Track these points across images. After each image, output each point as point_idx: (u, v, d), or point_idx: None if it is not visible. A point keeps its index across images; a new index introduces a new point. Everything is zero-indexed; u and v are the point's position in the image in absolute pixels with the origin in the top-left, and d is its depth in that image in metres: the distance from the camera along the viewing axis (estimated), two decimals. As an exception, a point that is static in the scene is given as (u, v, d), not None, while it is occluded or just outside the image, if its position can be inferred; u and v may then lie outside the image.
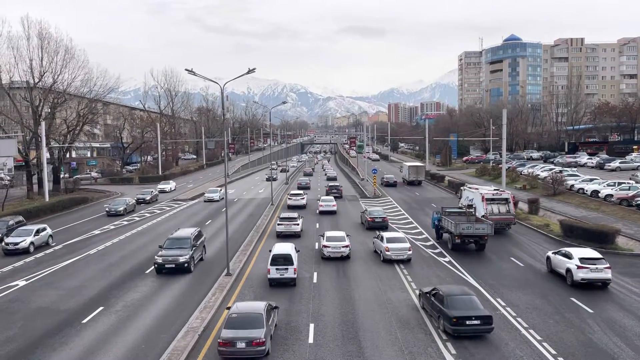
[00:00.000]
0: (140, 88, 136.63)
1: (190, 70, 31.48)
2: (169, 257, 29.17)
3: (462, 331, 19.67)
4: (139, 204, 59.23)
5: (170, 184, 77.00)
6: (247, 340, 17.58)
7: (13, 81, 65.28)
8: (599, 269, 25.82)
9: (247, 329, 17.93)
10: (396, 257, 30.89)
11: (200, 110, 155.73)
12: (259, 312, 18.81)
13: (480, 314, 19.86)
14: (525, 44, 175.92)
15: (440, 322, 20.51)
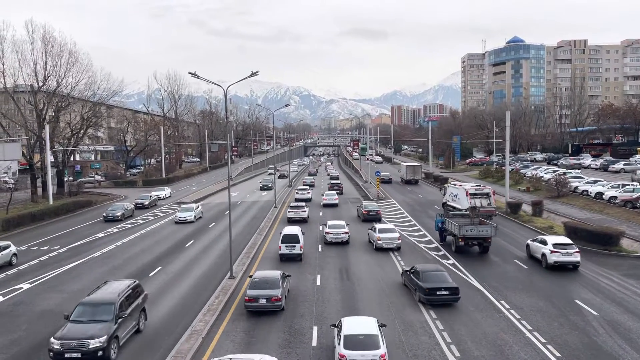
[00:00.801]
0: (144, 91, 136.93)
1: (194, 74, 31.57)
2: (72, 341, 17.87)
3: (434, 300, 23.47)
4: (137, 209, 58.10)
5: (165, 190, 72.49)
6: (267, 297, 22.62)
7: (17, 85, 65.63)
8: (569, 253, 29.67)
9: (267, 289, 22.90)
10: (387, 245, 35.03)
11: (203, 113, 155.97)
12: (276, 277, 23.92)
13: (449, 286, 23.64)
14: (528, 46, 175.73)
15: (416, 294, 24.28)
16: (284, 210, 54.37)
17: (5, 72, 62.31)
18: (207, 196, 70.72)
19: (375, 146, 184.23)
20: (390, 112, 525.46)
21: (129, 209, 53.89)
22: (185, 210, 50.53)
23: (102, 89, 73.87)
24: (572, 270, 29.66)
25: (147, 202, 60.34)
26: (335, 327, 18.58)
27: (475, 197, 43.32)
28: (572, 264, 29.79)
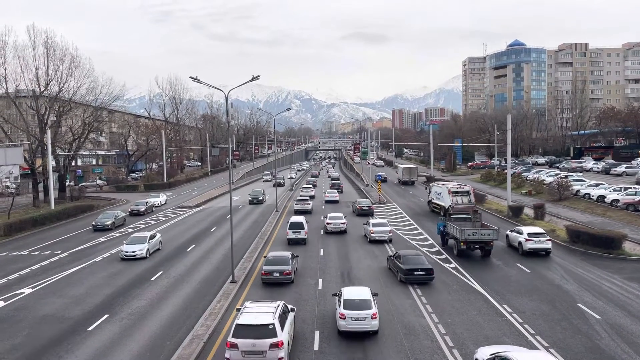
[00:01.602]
0: (145, 96, 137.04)
1: (195, 78, 31.63)
2: None
3: (412, 279, 27.62)
4: (133, 216, 56.42)
5: (161, 197, 69.12)
6: (280, 271, 27.93)
7: (19, 90, 65.87)
8: (541, 241, 33.99)
9: (279, 265, 28.21)
10: (379, 237, 39.36)
11: (204, 117, 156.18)
12: (287, 256, 29.26)
13: (425, 267, 27.85)
14: (529, 49, 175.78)
15: (398, 275, 28.46)
16: (286, 215, 54.38)
17: (7, 77, 62.50)
18: (208, 200, 70.69)
19: (377, 150, 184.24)
20: (392, 116, 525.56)
21: (120, 217, 50.65)
22: (135, 242, 35.80)
23: (103, 94, 74.01)
24: (572, 273, 29.61)
25: (143, 209, 58.27)
26: (336, 296, 22.40)
27: (457, 195, 48.90)
28: (544, 251, 34.00)
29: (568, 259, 33.44)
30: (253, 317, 18.15)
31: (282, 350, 17.37)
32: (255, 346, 17.25)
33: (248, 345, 17.24)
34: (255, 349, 17.24)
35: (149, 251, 35.72)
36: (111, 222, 48.27)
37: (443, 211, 48.55)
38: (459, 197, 48.63)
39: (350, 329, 20.30)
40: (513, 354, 15.28)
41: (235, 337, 17.44)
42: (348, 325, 20.26)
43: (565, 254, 34.67)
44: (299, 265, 31.56)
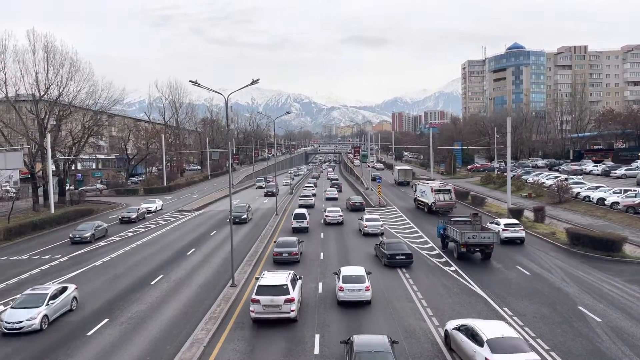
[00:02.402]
0: (145, 100, 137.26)
1: (195, 82, 31.65)
2: None
3: (394, 262, 32.24)
4: (123, 224, 53.88)
5: (157, 202, 66.46)
6: (288, 252, 33.82)
7: (19, 94, 65.88)
8: (516, 230, 38.65)
9: (288, 247, 34.17)
10: (372, 231, 43.48)
11: (204, 121, 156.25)
12: (294, 240, 35.34)
13: (405, 252, 32.62)
14: (529, 52, 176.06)
15: (382, 259, 33.10)
16: (286, 218, 54.37)
17: (7, 81, 62.66)
18: (208, 204, 70.68)
19: (377, 153, 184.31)
20: (391, 119, 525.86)
21: (100, 228, 46.18)
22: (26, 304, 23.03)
23: (103, 98, 74.23)
24: (573, 276, 29.60)
25: (134, 216, 55.47)
26: (336, 274, 26.82)
27: (439, 192, 54.43)
28: (518, 239, 38.53)
29: (568, 261, 33.41)
30: (271, 280, 23.38)
31: (293, 304, 22.44)
32: (273, 301, 22.19)
33: (267, 301, 22.19)
34: (273, 303, 22.19)
35: (47, 318, 22.87)
36: (90, 234, 43.65)
37: (427, 208, 55.78)
38: (440, 195, 54.48)
39: (348, 299, 24.61)
40: (475, 323, 18.58)
41: (258, 295, 22.40)
42: (346, 296, 24.60)
43: (565, 257, 34.65)
44: (303, 249, 37.02)
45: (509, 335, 17.42)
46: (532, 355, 16.60)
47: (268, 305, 22.19)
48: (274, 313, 22.26)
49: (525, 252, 36.54)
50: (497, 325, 18.67)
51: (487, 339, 17.11)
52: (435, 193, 54.36)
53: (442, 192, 54.66)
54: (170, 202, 74.13)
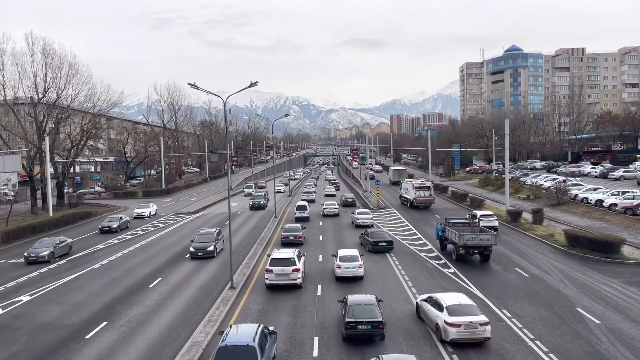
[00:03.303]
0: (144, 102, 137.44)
1: (193, 85, 31.67)
2: None
3: (377, 249, 37.44)
4: (104, 234, 49.55)
5: (151, 207, 63.55)
6: (294, 236, 40.80)
7: (17, 97, 65.84)
8: (490, 220, 43.86)
9: (293, 232, 41.29)
10: (363, 223, 48.38)
11: (203, 123, 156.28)
12: (299, 226, 42.65)
13: (387, 240, 38.19)
14: (527, 55, 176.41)
15: (367, 246, 38.49)
16: (285, 220, 54.44)
17: (6, 84, 62.60)
18: (207, 206, 70.66)
19: (375, 155, 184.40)
20: (390, 121, 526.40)
21: (62, 244, 39.70)
22: None
23: (102, 101, 74.13)
24: (571, 278, 29.64)
25: (115, 225, 50.79)
26: (334, 256, 31.51)
27: (420, 189, 61.30)
28: (492, 228, 41.80)
29: (567, 263, 33.44)
30: (281, 254, 29.25)
31: (299, 273, 28.39)
32: (283, 271, 28.10)
33: (278, 270, 28.10)
34: (283, 272, 28.09)
35: None
36: (49, 253, 37.65)
37: (409, 203, 62.84)
38: (421, 191, 61.20)
39: (344, 274, 29.80)
40: (438, 295, 22.54)
41: (271, 266, 28.36)
42: (342, 272, 29.78)
43: (563, 259, 34.70)
44: (305, 235, 43.04)
45: (464, 303, 21.26)
46: (482, 318, 20.39)
47: (279, 274, 28.11)
48: (284, 280, 28.12)
49: (523, 254, 36.57)
50: (456, 296, 22.61)
51: (446, 305, 20.89)
52: (416, 190, 61.30)
53: (423, 189, 61.50)
54: (169, 205, 74.08)
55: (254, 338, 17.04)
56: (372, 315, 20.46)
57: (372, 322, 20.31)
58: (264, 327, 18.59)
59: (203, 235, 39.26)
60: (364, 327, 20.31)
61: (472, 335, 20.04)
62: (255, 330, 17.77)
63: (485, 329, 20.08)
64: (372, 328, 20.32)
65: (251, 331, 17.64)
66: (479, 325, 20.01)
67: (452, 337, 20.02)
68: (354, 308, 20.70)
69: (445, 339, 20.20)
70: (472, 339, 20.09)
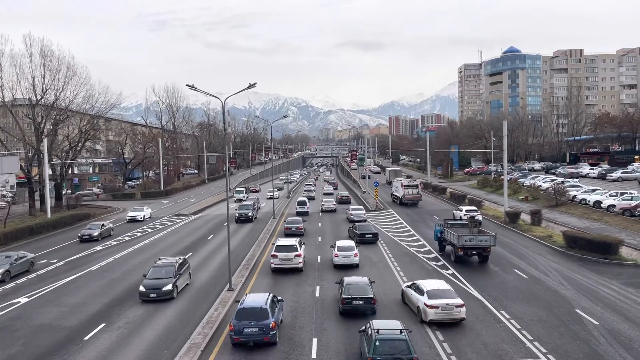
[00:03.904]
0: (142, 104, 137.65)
1: (192, 86, 31.66)
2: None
3: (364, 240, 41.31)
4: (83, 242, 45.19)
5: (145, 210, 61.38)
6: (296, 227, 45.49)
7: (15, 98, 65.73)
8: (474, 214, 49.27)
9: (295, 224, 46.16)
10: (356, 218, 52.18)
11: (201, 125, 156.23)
12: (300, 219, 47.91)
13: (372, 232, 42.47)
14: (525, 56, 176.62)
15: (355, 238, 41.57)
16: (283, 222, 54.33)
17: (4, 85, 62.44)
18: (205, 208, 70.60)
19: (374, 156, 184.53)
20: (388, 123, 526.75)
21: (21, 261, 34.41)
22: None
23: (100, 102, 74.04)
24: (570, 279, 29.67)
25: (96, 234, 46.19)
26: (332, 247, 34.70)
27: (408, 187, 66.03)
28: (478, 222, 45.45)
29: (565, 264, 33.46)
30: (285, 242, 33.72)
31: (300, 258, 32.48)
32: (286, 256, 32.11)
33: (282, 256, 32.12)
34: (287, 257, 32.11)
35: None
36: (3, 271, 32.36)
37: (399, 200, 67.09)
38: (409, 189, 65.96)
39: (341, 262, 33.16)
40: (420, 281, 25.02)
41: (276, 252, 32.43)
42: (340, 260, 33.21)
43: (562, 260, 34.72)
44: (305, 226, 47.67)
45: (443, 288, 23.76)
46: (458, 300, 22.68)
47: (283, 259, 32.18)
48: (287, 264, 32.12)
49: (522, 255, 36.59)
50: (436, 282, 25.18)
51: (426, 290, 23.35)
52: (405, 188, 65.88)
53: (411, 187, 66.19)
54: (167, 206, 74.02)
55: (266, 302, 21.27)
56: (365, 293, 23.87)
57: (365, 299, 23.69)
58: (273, 295, 22.75)
59: (160, 268, 28.56)
60: (358, 302, 23.69)
61: (448, 315, 22.29)
62: (267, 297, 21.99)
63: (460, 310, 22.41)
64: (365, 303, 23.67)
65: (263, 297, 21.98)
66: (455, 307, 22.35)
67: (430, 318, 22.29)
68: (349, 287, 24.19)
69: (425, 319, 22.47)
70: (448, 319, 22.29)
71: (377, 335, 17.71)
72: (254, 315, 20.41)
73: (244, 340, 20.13)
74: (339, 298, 24.41)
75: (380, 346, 17.38)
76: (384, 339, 17.59)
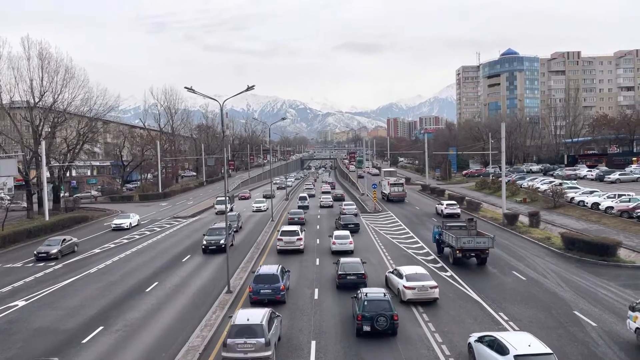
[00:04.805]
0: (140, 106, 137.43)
1: (190, 88, 31.65)
2: None
3: (346, 229, 44.31)
4: (40, 261, 38.93)
5: (132, 217, 56.80)
6: (298, 217, 53.88)
7: (13, 101, 65.61)
8: (454, 208, 56.76)
9: (297, 215, 54.58)
10: (348, 213, 56.09)
11: (200, 127, 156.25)
12: (301, 211, 57.65)
13: (354, 222, 48.53)
14: (522, 58, 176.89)
15: (339, 228, 47.11)
16: (282, 223, 54.30)
17: (2, 88, 62.42)
18: (203, 210, 70.54)
19: (372, 159, 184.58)
20: (387, 125, 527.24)
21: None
22: None
23: (98, 105, 73.94)
24: (568, 281, 29.70)
25: (54, 251, 39.70)
26: (331, 237, 39.72)
27: (394, 185, 74.16)
28: (456, 214, 54.92)
29: (563, 266, 33.49)
30: (288, 228, 40.87)
31: (301, 241, 39.24)
32: (290, 239, 38.73)
33: (287, 239, 38.82)
34: (290, 240, 38.75)
35: None
36: None
37: (386, 197, 74.29)
38: (395, 187, 73.81)
39: (338, 249, 37.77)
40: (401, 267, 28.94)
41: (281, 236, 39.21)
42: (337, 247, 37.89)
43: (560, 261, 34.75)
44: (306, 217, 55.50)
45: (420, 272, 26.96)
46: (432, 283, 25.97)
47: (287, 242, 38.96)
48: (291, 246, 38.80)
49: (520, 257, 36.62)
50: (414, 267, 28.57)
51: (405, 274, 26.48)
52: (391, 186, 73.77)
53: (396, 185, 74.32)
54: (165, 209, 73.97)
55: (277, 270, 26.76)
56: (357, 270, 28.64)
57: (357, 274, 28.43)
58: (282, 266, 28.19)
59: None
60: (351, 277, 28.37)
61: (423, 295, 25.48)
62: (278, 267, 27.48)
63: (434, 291, 25.68)
64: (357, 278, 28.26)
65: (275, 267, 27.57)
66: (430, 288, 25.58)
67: (408, 297, 25.45)
68: (344, 265, 29.15)
69: (404, 299, 25.53)
70: (423, 299, 25.47)
71: (365, 297, 21.74)
72: (268, 279, 25.96)
73: (260, 299, 25.22)
74: (335, 275, 29.46)
75: (368, 305, 21.27)
76: (371, 300, 21.54)
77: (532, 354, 16.34)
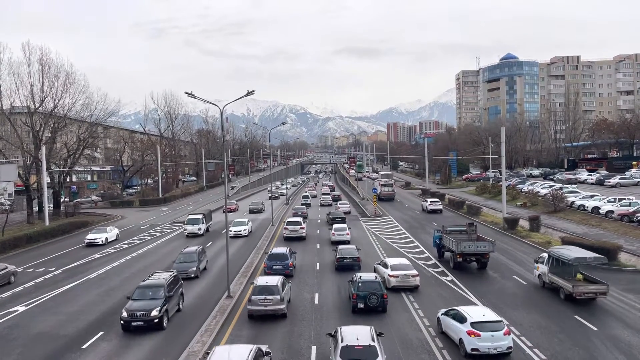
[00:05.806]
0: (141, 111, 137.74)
1: (190, 93, 31.71)
2: None
3: (335, 221, 51.50)
4: None
5: (109, 232, 49.85)
6: (301, 212, 62.56)
7: (14, 106, 65.73)
8: (436, 204, 66.20)
9: (301, 210, 64.41)
10: (342, 210, 64.93)
11: (200, 132, 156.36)
12: (304, 207, 69.47)
13: (341, 216, 55.51)
14: (522, 62, 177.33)
15: (329, 221, 55.56)
16: (282, 228, 54.20)
17: (2, 93, 62.48)
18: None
19: (372, 163, 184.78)
20: (387, 129, 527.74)
21: None
22: None
23: (98, 110, 74.00)
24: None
25: None
26: (330, 229, 46.27)
27: (384, 186, 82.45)
28: (439, 210, 64.63)
29: (564, 270, 33.35)
30: (292, 219, 49.57)
31: (304, 230, 47.38)
32: (294, 228, 47.18)
33: (292, 228, 47.15)
34: (294, 229, 47.09)
35: None
36: None
37: (377, 197, 74.42)
38: (385, 188, 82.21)
39: (337, 239, 43.35)
40: (387, 259, 32.59)
41: (287, 226, 47.88)
42: (336, 238, 43.78)
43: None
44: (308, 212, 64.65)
45: (403, 263, 30.49)
46: (413, 272, 29.47)
47: (291, 230, 47.17)
48: (294, 234, 46.79)
49: (521, 261, 36.56)
50: (398, 259, 31.92)
51: (390, 264, 30.07)
52: (381, 186, 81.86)
53: (386, 185, 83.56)
54: (165, 214, 73.90)
55: (287, 250, 33.95)
56: (353, 254, 34.44)
57: (353, 257, 34.16)
58: (290, 248, 35.35)
59: None
60: (347, 260, 34.06)
61: (406, 283, 28.88)
62: (287, 248, 34.56)
63: (415, 279, 29.15)
64: (352, 261, 33.97)
65: (285, 248, 34.86)
66: (411, 276, 29.07)
67: (392, 285, 28.76)
68: (341, 251, 34.90)
69: (388, 286, 28.28)
70: (405, 286, 28.85)
71: (359, 280, 25.76)
72: (279, 257, 32.63)
73: (273, 273, 30.17)
74: (334, 259, 35.09)
75: (362, 285, 25.23)
76: (365, 281, 25.60)
77: (485, 321, 19.99)
